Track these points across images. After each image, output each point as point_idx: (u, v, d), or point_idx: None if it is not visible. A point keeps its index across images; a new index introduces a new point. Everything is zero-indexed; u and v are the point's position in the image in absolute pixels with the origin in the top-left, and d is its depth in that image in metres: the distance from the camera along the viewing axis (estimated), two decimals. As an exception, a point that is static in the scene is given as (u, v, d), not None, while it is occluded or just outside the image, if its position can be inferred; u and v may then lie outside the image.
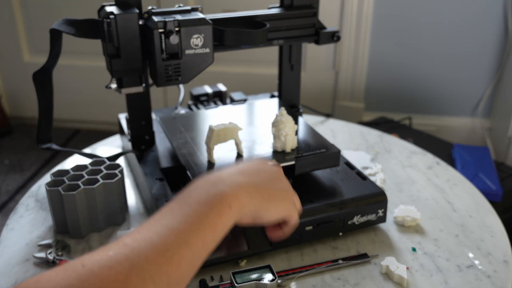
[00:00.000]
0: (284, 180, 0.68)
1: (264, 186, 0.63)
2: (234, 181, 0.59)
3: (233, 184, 0.58)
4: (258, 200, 0.60)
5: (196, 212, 0.54)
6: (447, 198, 1.00)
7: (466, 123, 2.45)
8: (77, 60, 2.49)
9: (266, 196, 0.62)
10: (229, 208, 0.56)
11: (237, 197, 0.57)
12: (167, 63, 0.83)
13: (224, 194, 0.56)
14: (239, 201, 0.57)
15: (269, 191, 0.63)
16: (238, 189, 0.58)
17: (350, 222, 0.86)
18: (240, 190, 0.58)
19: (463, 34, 2.27)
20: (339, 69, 2.40)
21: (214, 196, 0.56)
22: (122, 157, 1.12)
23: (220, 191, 0.56)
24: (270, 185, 0.64)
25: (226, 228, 0.56)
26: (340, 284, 0.78)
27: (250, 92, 1.37)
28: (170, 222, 0.52)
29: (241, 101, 1.16)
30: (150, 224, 0.52)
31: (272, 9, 0.99)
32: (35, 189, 1.03)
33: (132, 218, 0.93)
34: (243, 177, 0.61)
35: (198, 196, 0.56)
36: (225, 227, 0.55)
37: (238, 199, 0.57)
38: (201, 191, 0.57)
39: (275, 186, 0.65)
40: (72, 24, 0.83)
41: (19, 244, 0.86)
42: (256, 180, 0.62)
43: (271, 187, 0.64)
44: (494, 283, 0.78)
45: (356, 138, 1.24)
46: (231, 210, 0.56)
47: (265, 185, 0.63)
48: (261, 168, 0.65)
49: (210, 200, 0.55)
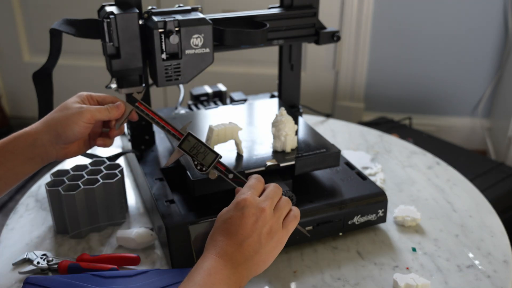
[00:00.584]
0: (268, 223, 0.67)
1: (253, 258, 0.66)
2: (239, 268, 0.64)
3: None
4: (255, 269, 0.67)
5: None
6: (447, 198, 1.00)
7: (466, 123, 2.45)
8: (77, 60, 2.49)
9: (259, 263, 0.66)
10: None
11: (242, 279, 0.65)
12: (167, 63, 0.83)
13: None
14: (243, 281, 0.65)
15: (258, 257, 0.66)
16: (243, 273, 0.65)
17: (350, 222, 0.86)
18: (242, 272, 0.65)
19: (463, 34, 2.27)
20: (339, 69, 2.40)
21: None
22: (122, 157, 1.12)
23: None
24: (257, 249, 0.66)
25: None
26: (340, 284, 0.78)
27: (250, 92, 1.37)
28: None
29: (241, 101, 1.16)
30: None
31: (272, 9, 0.99)
32: (35, 189, 1.03)
33: (132, 218, 0.93)
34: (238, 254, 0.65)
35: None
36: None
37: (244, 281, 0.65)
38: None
39: (262, 248, 0.66)
40: (72, 24, 0.83)
41: (19, 244, 0.86)
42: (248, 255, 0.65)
43: (258, 251, 0.66)
44: (494, 283, 0.78)
45: (356, 138, 1.24)
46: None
47: (253, 258, 0.66)
48: (246, 235, 0.66)
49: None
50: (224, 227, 0.66)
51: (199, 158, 0.76)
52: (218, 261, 0.63)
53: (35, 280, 0.73)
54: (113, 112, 0.80)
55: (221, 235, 0.66)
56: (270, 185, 0.71)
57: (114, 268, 0.77)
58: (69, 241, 0.87)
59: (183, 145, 0.77)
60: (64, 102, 0.80)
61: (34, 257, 0.81)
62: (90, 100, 0.81)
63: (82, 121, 0.76)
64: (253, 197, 0.68)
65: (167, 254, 0.81)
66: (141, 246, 0.84)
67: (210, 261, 0.63)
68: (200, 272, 0.62)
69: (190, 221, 0.79)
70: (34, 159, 0.77)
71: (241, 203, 0.67)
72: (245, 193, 0.68)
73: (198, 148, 0.77)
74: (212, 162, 0.76)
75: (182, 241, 0.78)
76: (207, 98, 1.18)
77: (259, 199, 0.68)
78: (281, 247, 0.68)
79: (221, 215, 0.68)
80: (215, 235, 0.66)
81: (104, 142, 0.83)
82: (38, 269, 0.79)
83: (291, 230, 0.69)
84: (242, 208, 0.66)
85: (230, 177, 0.76)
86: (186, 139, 0.77)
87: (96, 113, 0.78)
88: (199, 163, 0.76)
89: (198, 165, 0.76)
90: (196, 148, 0.77)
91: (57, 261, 0.79)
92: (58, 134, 0.76)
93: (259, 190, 0.70)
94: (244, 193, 0.68)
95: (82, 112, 0.77)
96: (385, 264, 0.82)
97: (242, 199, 0.67)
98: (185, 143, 0.77)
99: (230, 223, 0.66)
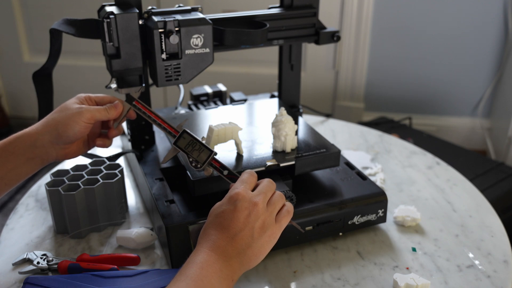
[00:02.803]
0: (261, 216, 0.67)
1: (247, 250, 0.66)
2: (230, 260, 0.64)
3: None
4: (248, 262, 0.66)
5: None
6: (447, 198, 1.00)
7: (466, 123, 2.45)
8: (77, 60, 2.49)
9: (252, 257, 0.66)
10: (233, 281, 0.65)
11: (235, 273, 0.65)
12: (167, 63, 0.83)
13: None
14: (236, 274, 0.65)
15: (250, 250, 0.66)
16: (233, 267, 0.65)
17: (350, 222, 0.86)
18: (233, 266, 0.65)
19: (463, 34, 2.27)
20: (339, 69, 2.40)
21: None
22: (122, 157, 1.12)
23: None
24: (249, 243, 0.66)
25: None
26: (340, 284, 0.78)
27: (250, 92, 1.37)
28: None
29: (241, 101, 1.16)
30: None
31: (272, 9, 0.99)
32: (35, 189, 1.03)
33: (132, 218, 0.93)
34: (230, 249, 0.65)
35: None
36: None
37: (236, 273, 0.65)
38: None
39: (254, 242, 0.66)
40: (72, 24, 0.83)
41: (19, 244, 0.86)
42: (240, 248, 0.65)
43: (250, 244, 0.66)
44: (494, 283, 0.78)
45: (356, 138, 1.24)
46: (233, 282, 0.65)
47: (247, 250, 0.66)
48: (238, 228, 0.66)
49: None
50: (216, 221, 0.66)
51: (194, 155, 0.76)
52: (211, 254, 0.63)
53: (35, 280, 0.73)
54: (111, 111, 0.80)
55: (214, 229, 0.66)
56: (263, 180, 0.71)
57: (114, 268, 0.77)
58: (69, 241, 0.87)
59: (179, 143, 0.78)
60: (63, 104, 0.81)
61: (34, 257, 0.81)
62: (89, 101, 0.82)
63: (82, 120, 0.77)
64: (246, 191, 0.68)
65: (167, 254, 0.81)
66: (141, 246, 0.84)
67: (203, 254, 0.63)
68: (192, 266, 0.62)
69: (190, 221, 0.79)
70: (34, 160, 0.77)
71: (234, 197, 0.67)
72: (238, 187, 0.68)
73: (194, 145, 0.77)
74: (207, 158, 0.76)
75: (182, 241, 0.78)
76: (207, 98, 1.18)
77: (252, 194, 0.68)
78: (274, 242, 0.68)
79: (213, 209, 0.68)
80: (207, 229, 0.66)
81: (103, 142, 0.83)
82: (38, 269, 0.79)
83: (284, 225, 0.69)
84: (234, 202, 0.66)
85: (225, 174, 0.76)
86: (182, 136, 0.78)
87: (96, 113, 0.78)
88: (194, 160, 0.76)
89: (193, 162, 0.76)
90: (191, 145, 0.77)
91: (57, 261, 0.79)
92: (58, 134, 0.76)
93: (251, 184, 0.70)
94: (237, 187, 0.69)
95: (82, 112, 0.77)
96: (385, 264, 0.82)
97: (235, 193, 0.67)
98: (181, 140, 0.78)
99: (223, 217, 0.66)
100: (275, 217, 0.69)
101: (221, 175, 0.76)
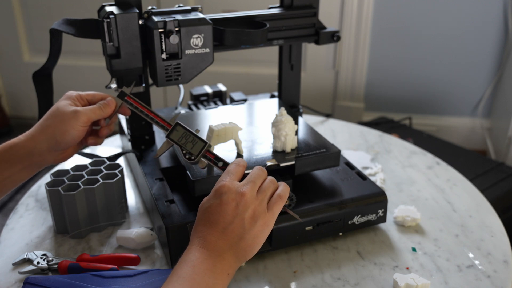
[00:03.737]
0: (251, 207, 0.66)
1: (240, 242, 0.64)
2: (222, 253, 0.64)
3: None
4: (243, 255, 0.66)
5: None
6: (447, 198, 1.00)
7: (466, 123, 2.45)
8: (77, 60, 2.49)
9: (246, 248, 0.65)
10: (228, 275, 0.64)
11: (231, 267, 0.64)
12: (167, 63, 0.83)
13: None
14: (232, 267, 0.64)
15: (244, 242, 0.65)
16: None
17: (350, 222, 0.86)
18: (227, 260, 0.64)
19: (463, 34, 2.27)
20: (339, 69, 2.40)
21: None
22: (122, 157, 1.12)
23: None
24: (241, 235, 0.65)
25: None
26: (340, 284, 0.78)
27: (250, 92, 1.37)
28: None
29: (241, 101, 1.16)
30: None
31: (272, 9, 0.99)
32: (35, 189, 1.03)
33: (132, 218, 0.93)
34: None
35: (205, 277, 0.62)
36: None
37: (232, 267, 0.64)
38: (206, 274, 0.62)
39: (246, 233, 0.65)
40: (72, 24, 0.83)
41: (19, 244, 0.86)
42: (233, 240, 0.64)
43: (243, 236, 0.65)
44: (494, 283, 0.78)
45: (356, 138, 1.24)
46: (229, 276, 0.64)
47: (241, 242, 0.64)
48: (228, 221, 0.65)
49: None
50: (205, 217, 0.65)
51: (187, 147, 0.76)
52: (202, 251, 0.63)
53: (35, 280, 0.73)
54: (106, 110, 0.80)
55: (203, 225, 0.65)
56: (253, 169, 0.70)
57: (114, 268, 0.77)
58: (69, 241, 0.87)
59: (172, 135, 0.77)
60: (55, 106, 0.79)
61: (34, 257, 0.81)
62: (80, 100, 0.81)
63: (78, 125, 0.76)
64: (231, 182, 0.66)
65: (167, 254, 0.81)
66: (141, 246, 0.84)
67: (194, 252, 0.63)
68: (184, 265, 0.61)
69: (190, 221, 0.78)
70: (31, 166, 0.77)
71: (219, 190, 0.66)
72: (224, 179, 0.67)
73: (187, 137, 0.77)
74: (200, 150, 0.76)
75: (182, 241, 0.78)
76: (207, 98, 1.18)
77: (239, 184, 0.67)
78: (269, 231, 0.67)
79: (201, 204, 0.67)
80: (197, 226, 0.66)
81: (95, 141, 0.83)
82: (38, 269, 0.79)
83: (277, 211, 0.67)
84: (220, 195, 0.65)
85: (219, 165, 0.75)
86: (175, 129, 0.77)
87: (91, 114, 0.78)
88: (188, 152, 0.76)
89: (186, 154, 0.76)
90: (185, 137, 0.77)
91: (57, 261, 0.79)
92: (57, 142, 0.76)
93: (238, 174, 0.69)
94: (223, 179, 0.67)
95: (77, 116, 0.76)
96: (385, 264, 0.82)
97: (220, 186, 0.66)
98: (174, 133, 0.77)
99: (210, 212, 0.65)
100: (266, 205, 0.67)
101: (216, 167, 0.75)
